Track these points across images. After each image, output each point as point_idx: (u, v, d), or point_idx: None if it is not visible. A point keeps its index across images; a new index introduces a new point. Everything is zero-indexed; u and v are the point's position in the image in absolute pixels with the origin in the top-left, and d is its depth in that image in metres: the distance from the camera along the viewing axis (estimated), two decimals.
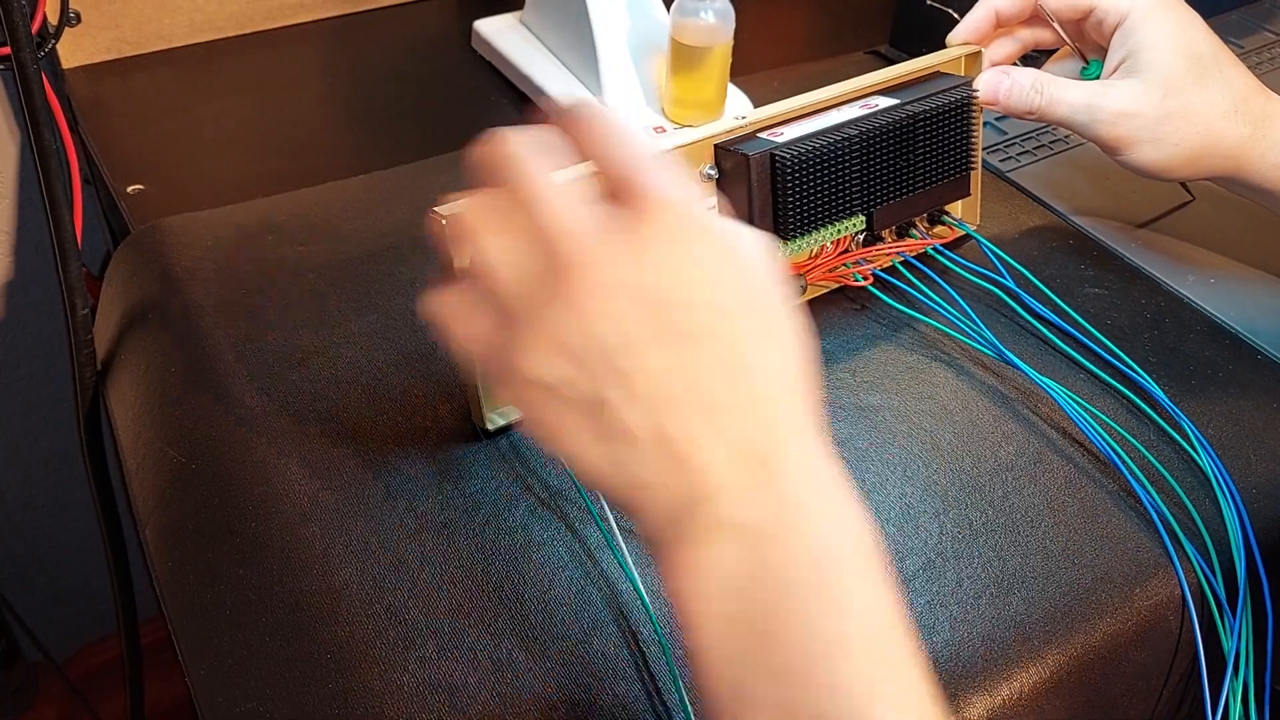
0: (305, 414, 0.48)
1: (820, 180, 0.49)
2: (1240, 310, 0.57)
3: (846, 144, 0.49)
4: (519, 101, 0.73)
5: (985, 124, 0.71)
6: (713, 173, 0.49)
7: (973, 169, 0.55)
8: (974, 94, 0.53)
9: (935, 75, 0.55)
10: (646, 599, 0.41)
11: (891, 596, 0.30)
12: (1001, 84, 0.54)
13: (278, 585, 0.42)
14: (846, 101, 0.52)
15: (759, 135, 0.49)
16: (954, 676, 0.41)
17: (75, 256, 0.53)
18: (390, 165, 0.65)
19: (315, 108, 0.73)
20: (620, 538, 0.42)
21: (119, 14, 0.73)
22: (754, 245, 0.33)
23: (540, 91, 0.70)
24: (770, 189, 0.48)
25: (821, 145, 0.48)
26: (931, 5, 0.73)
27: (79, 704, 1.06)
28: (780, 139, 0.48)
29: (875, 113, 0.50)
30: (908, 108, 0.50)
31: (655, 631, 0.40)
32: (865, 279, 0.54)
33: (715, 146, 0.49)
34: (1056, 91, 0.53)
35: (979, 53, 0.56)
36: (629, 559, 0.41)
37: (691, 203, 0.33)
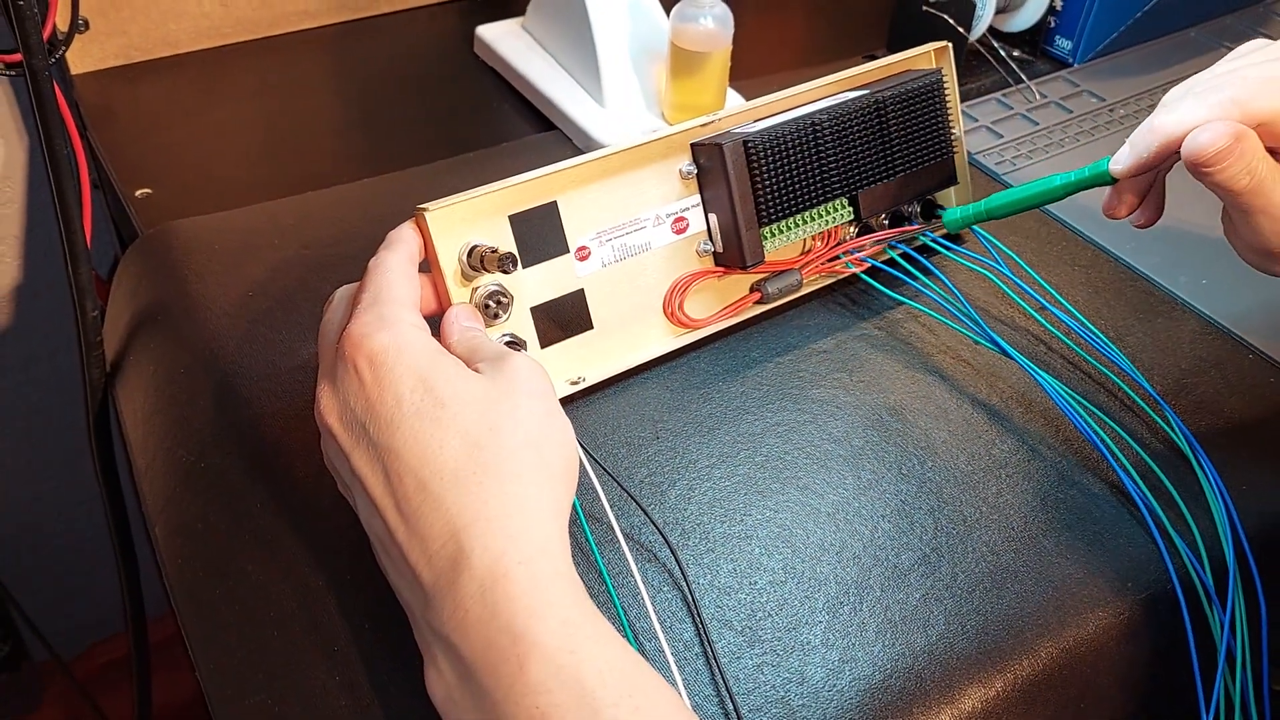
0: (312, 413, 0.49)
1: (795, 162, 0.50)
2: (1231, 309, 0.58)
3: (818, 127, 0.50)
4: (521, 106, 0.73)
5: (982, 127, 0.72)
6: (691, 170, 0.50)
7: (954, 153, 0.56)
8: (941, 80, 0.54)
9: (905, 71, 0.56)
10: (646, 595, 0.42)
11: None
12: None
13: (286, 580, 0.43)
14: (817, 99, 0.53)
15: (731, 130, 0.51)
16: (948, 669, 0.41)
17: (85, 260, 0.54)
18: (394, 169, 0.66)
19: (320, 112, 0.74)
20: (625, 543, 0.43)
21: (127, 20, 0.74)
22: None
23: (542, 96, 0.71)
24: (747, 175, 0.49)
25: (793, 129, 0.50)
26: (928, 10, 0.74)
27: (85, 703, 1.07)
28: (752, 129, 0.50)
29: (845, 100, 0.51)
30: (876, 94, 0.52)
31: (654, 626, 0.40)
32: (858, 266, 0.55)
33: (691, 144, 0.50)
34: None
35: (946, 46, 0.57)
36: (629, 557, 0.42)
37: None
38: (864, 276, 0.55)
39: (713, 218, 0.51)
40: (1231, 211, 0.44)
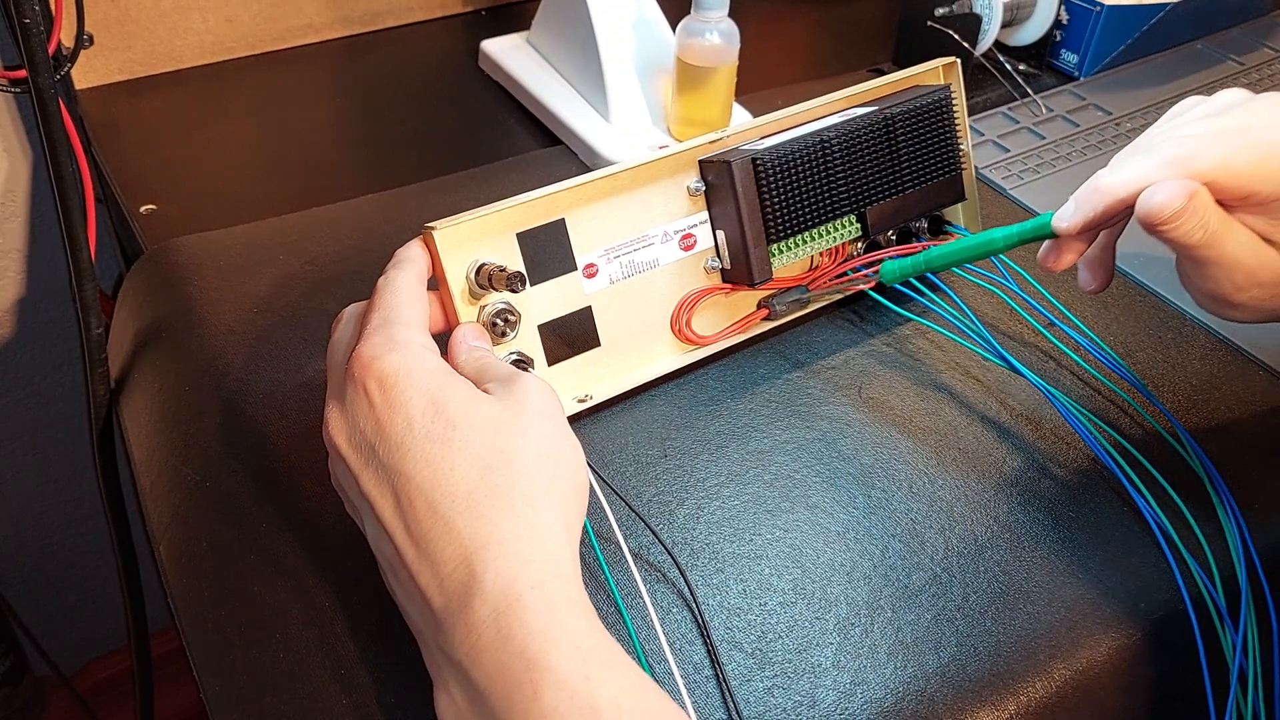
0: (318, 431, 0.48)
1: (804, 180, 0.50)
2: (1239, 325, 0.57)
3: (826, 144, 0.50)
4: (526, 121, 0.73)
5: (988, 141, 0.72)
6: (699, 187, 0.50)
7: (962, 170, 0.56)
8: (950, 96, 0.54)
9: (914, 87, 0.56)
10: (655, 617, 0.41)
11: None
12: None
13: (293, 602, 0.43)
14: (825, 115, 0.53)
15: (739, 147, 0.50)
16: (960, 691, 0.41)
17: (90, 276, 0.54)
18: (399, 184, 0.66)
19: (325, 128, 0.73)
20: (634, 564, 0.42)
21: (131, 36, 0.74)
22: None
23: (547, 111, 0.71)
24: (756, 192, 0.49)
25: (801, 146, 0.50)
26: (933, 25, 0.74)
27: (87, 717, 1.06)
28: (761, 146, 0.50)
29: (854, 117, 0.51)
30: (885, 111, 0.52)
31: (662, 645, 0.40)
32: (867, 283, 0.55)
33: (699, 161, 0.50)
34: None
35: (955, 62, 0.57)
36: (638, 578, 0.42)
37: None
38: (872, 293, 0.55)
39: (720, 234, 0.51)
40: (1185, 263, 0.44)
